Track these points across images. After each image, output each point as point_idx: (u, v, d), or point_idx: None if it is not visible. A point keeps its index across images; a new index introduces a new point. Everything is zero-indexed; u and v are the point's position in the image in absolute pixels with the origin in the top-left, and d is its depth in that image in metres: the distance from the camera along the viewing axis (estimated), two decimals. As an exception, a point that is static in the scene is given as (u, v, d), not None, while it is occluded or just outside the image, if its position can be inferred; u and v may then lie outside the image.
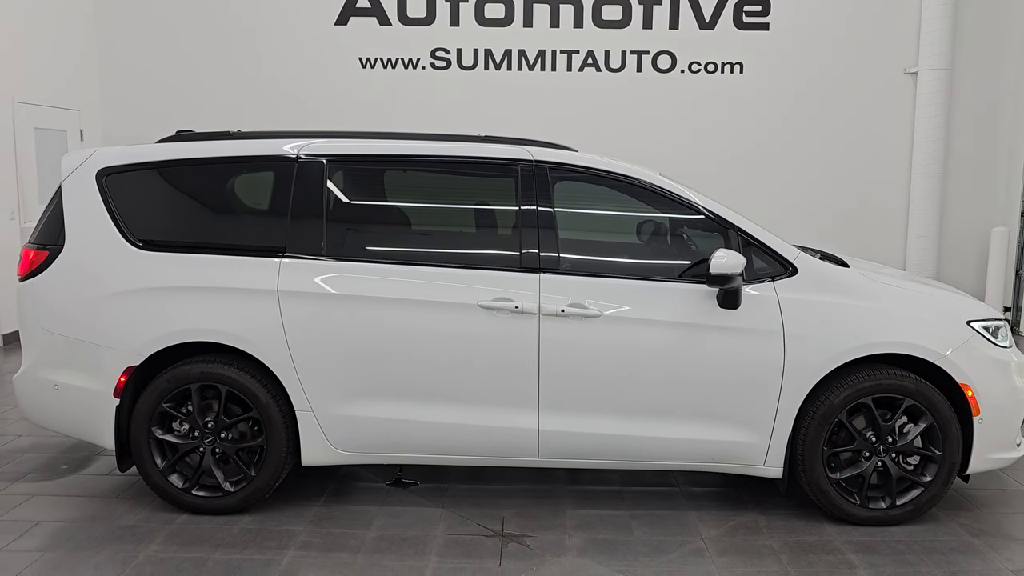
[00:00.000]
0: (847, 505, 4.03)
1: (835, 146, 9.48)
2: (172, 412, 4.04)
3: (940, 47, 9.03)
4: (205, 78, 9.55)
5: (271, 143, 4.23)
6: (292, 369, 3.98)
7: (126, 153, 4.22)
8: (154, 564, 3.62)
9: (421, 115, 9.36)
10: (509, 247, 4.08)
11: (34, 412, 4.26)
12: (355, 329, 3.96)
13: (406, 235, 4.37)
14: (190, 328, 3.99)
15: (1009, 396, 4.06)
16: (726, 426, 4.00)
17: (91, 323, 4.03)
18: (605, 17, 9.40)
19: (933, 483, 4.02)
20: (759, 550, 3.83)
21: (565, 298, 3.94)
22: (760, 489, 4.50)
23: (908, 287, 4.33)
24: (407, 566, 3.63)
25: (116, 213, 4.10)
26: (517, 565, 3.66)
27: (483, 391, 3.99)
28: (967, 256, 9.58)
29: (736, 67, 9.43)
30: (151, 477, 4.07)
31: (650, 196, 4.17)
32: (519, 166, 4.13)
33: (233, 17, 9.50)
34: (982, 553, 3.83)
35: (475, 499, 4.36)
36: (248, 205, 4.34)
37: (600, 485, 4.59)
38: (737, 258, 3.81)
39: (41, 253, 4.13)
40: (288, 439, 4.04)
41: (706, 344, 3.94)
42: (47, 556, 3.69)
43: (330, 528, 4.01)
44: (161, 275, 4.02)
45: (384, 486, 4.53)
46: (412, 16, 9.45)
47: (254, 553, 3.73)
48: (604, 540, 3.91)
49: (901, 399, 3.96)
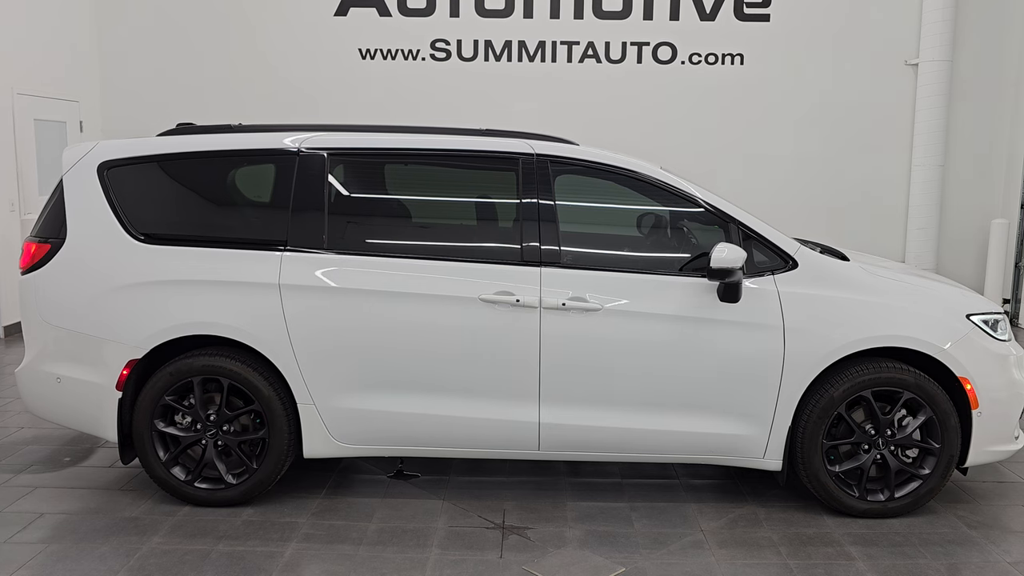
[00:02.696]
0: (846, 497, 4.05)
1: (835, 138, 9.48)
2: (174, 405, 4.06)
3: (941, 39, 9.02)
4: (205, 69, 9.53)
5: (272, 136, 4.23)
6: (294, 362, 3.99)
7: (127, 146, 4.22)
8: (157, 556, 3.64)
9: (421, 107, 9.35)
10: (510, 240, 4.09)
11: (36, 405, 4.27)
12: (356, 322, 3.97)
13: (407, 229, 4.37)
14: (192, 321, 4.00)
15: (1008, 389, 4.07)
16: (726, 419, 4.02)
17: (93, 316, 4.04)
18: (605, 8, 9.38)
19: (931, 476, 4.04)
20: (758, 542, 3.85)
21: (566, 291, 3.95)
22: (759, 481, 4.53)
23: (908, 281, 4.34)
24: (408, 558, 3.66)
25: (117, 206, 4.10)
26: (518, 557, 3.68)
27: (484, 384, 4.01)
28: (967, 248, 9.60)
29: (737, 59, 9.42)
30: (154, 469, 4.09)
31: (651, 190, 4.17)
32: (520, 159, 4.13)
33: (233, 7, 9.47)
34: (980, 545, 3.86)
35: (476, 491, 4.39)
36: (249, 199, 4.34)
37: (600, 477, 4.61)
38: (738, 252, 3.82)
39: (43, 247, 4.13)
40: (290, 432, 4.06)
41: (706, 338, 3.95)
42: (51, 548, 3.71)
43: (332, 520, 4.03)
44: (163, 268, 4.02)
45: (385, 478, 4.55)
46: (412, 7, 9.42)
47: (256, 545, 3.76)
48: (604, 532, 3.93)
49: (900, 392, 3.97)
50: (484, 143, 4.20)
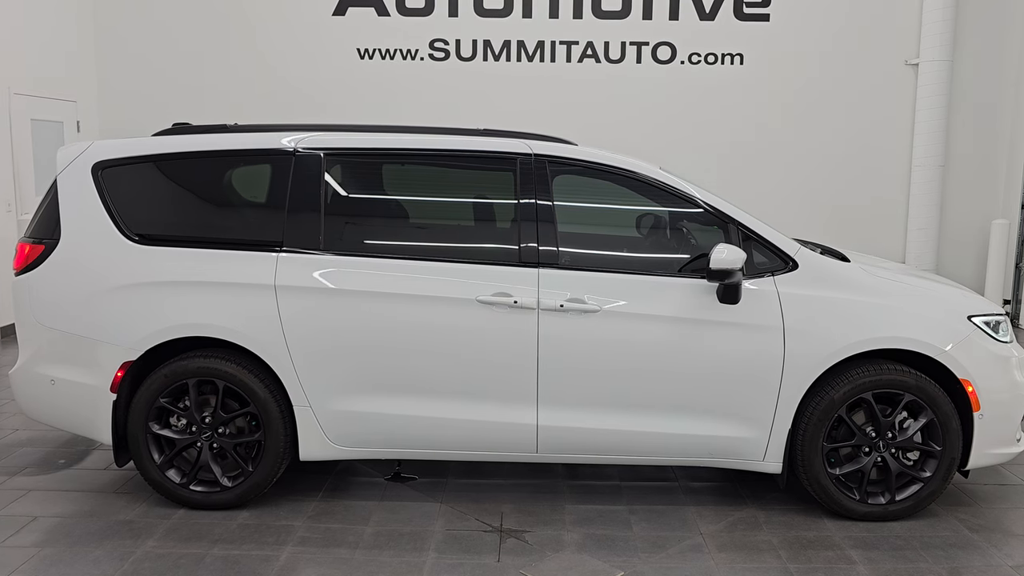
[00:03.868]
0: (846, 500, 4.02)
1: (835, 138, 9.46)
2: (169, 407, 4.03)
3: (941, 38, 9.00)
4: (203, 69, 9.50)
5: (268, 136, 4.20)
6: (290, 364, 3.96)
7: (122, 146, 4.18)
8: (152, 559, 3.61)
9: (419, 107, 9.32)
10: (508, 241, 4.06)
11: (31, 407, 4.24)
12: (353, 324, 3.94)
13: (404, 229, 4.34)
14: (187, 323, 3.96)
15: (1009, 391, 4.04)
16: (726, 421, 3.99)
17: (88, 318, 4.01)
18: (605, 7, 9.36)
19: (933, 478, 4.02)
20: (758, 546, 3.82)
21: (564, 293, 3.92)
22: (759, 484, 4.49)
23: (909, 282, 4.31)
24: (405, 561, 3.62)
25: (112, 207, 4.07)
26: (516, 561, 3.65)
27: (482, 386, 3.98)
28: (967, 249, 9.57)
29: (736, 58, 9.39)
30: (148, 472, 4.06)
31: (650, 190, 4.14)
32: (518, 160, 4.10)
33: (231, 7, 9.45)
34: (981, 548, 3.83)
35: (474, 494, 4.35)
36: (245, 199, 4.31)
37: (599, 480, 4.58)
38: (737, 253, 3.79)
39: (37, 247, 4.10)
40: (286, 434, 4.03)
41: (706, 339, 3.92)
42: (44, 551, 3.68)
43: (328, 523, 4.00)
44: (158, 270, 3.99)
45: (382, 481, 4.52)
46: (410, 6, 9.40)
47: (252, 548, 3.72)
48: (603, 535, 3.90)
49: (901, 394, 3.95)
50: (482, 143, 4.17)
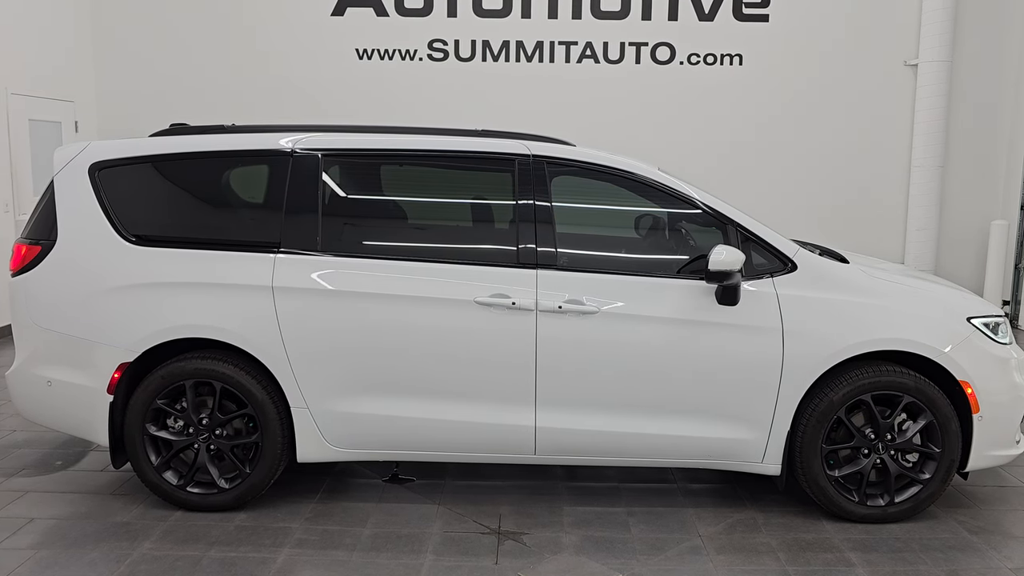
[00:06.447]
0: (845, 502, 4.01)
1: (834, 139, 9.45)
2: (166, 409, 4.01)
3: (940, 39, 8.99)
4: (201, 69, 9.48)
5: (266, 137, 4.19)
6: (287, 365, 3.95)
7: (119, 147, 4.17)
8: (148, 562, 3.59)
9: (418, 107, 9.31)
10: (506, 243, 4.04)
11: (27, 408, 4.23)
12: (351, 325, 3.93)
13: (402, 230, 4.33)
14: (184, 324, 3.95)
15: (1009, 393, 4.03)
16: (724, 423, 3.98)
17: (84, 319, 4.00)
18: (603, 8, 9.34)
19: (932, 480, 4.00)
20: (757, 548, 3.81)
21: (562, 294, 3.91)
22: (758, 486, 4.48)
23: (908, 283, 4.30)
24: (403, 564, 3.61)
25: (109, 208, 4.06)
26: (514, 563, 3.64)
27: (480, 388, 3.96)
28: (966, 249, 9.56)
29: (735, 59, 9.38)
30: (145, 474, 4.04)
31: (648, 191, 4.13)
32: (516, 161, 4.09)
33: (230, 7, 9.43)
34: (981, 551, 3.82)
35: (472, 496, 4.34)
36: (243, 200, 4.29)
37: (597, 482, 4.56)
38: (736, 254, 3.78)
39: (33, 248, 4.08)
40: (283, 436, 4.01)
41: (704, 341, 3.91)
42: (41, 554, 3.66)
43: (326, 525, 3.98)
44: (155, 271, 3.98)
45: (380, 483, 4.51)
46: (409, 7, 9.38)
47: (249, 551, 3.71)
48: (601, 537, 3.89)
49: (900, 396, 3.93)
50: (480, 144, 4.16)
